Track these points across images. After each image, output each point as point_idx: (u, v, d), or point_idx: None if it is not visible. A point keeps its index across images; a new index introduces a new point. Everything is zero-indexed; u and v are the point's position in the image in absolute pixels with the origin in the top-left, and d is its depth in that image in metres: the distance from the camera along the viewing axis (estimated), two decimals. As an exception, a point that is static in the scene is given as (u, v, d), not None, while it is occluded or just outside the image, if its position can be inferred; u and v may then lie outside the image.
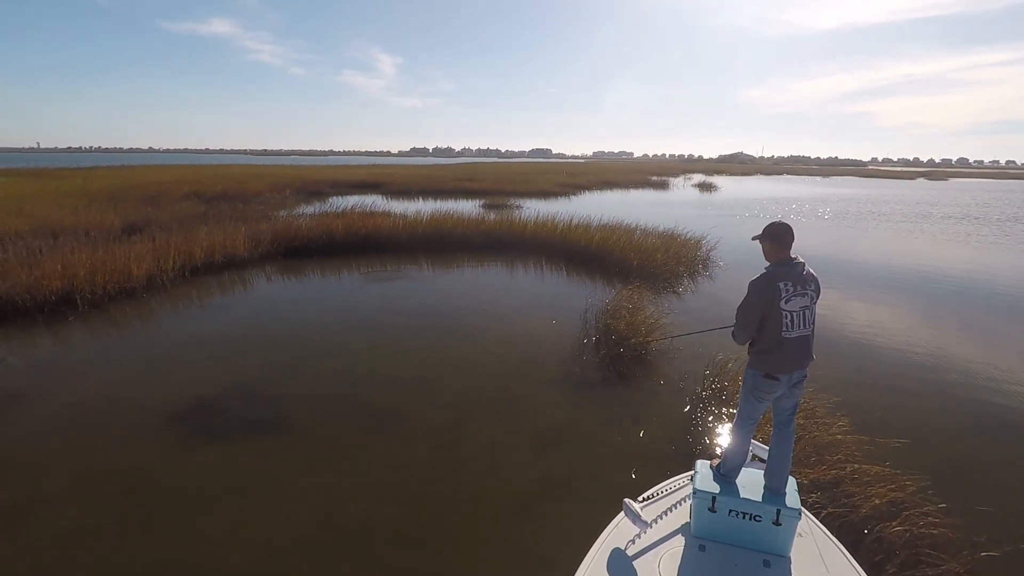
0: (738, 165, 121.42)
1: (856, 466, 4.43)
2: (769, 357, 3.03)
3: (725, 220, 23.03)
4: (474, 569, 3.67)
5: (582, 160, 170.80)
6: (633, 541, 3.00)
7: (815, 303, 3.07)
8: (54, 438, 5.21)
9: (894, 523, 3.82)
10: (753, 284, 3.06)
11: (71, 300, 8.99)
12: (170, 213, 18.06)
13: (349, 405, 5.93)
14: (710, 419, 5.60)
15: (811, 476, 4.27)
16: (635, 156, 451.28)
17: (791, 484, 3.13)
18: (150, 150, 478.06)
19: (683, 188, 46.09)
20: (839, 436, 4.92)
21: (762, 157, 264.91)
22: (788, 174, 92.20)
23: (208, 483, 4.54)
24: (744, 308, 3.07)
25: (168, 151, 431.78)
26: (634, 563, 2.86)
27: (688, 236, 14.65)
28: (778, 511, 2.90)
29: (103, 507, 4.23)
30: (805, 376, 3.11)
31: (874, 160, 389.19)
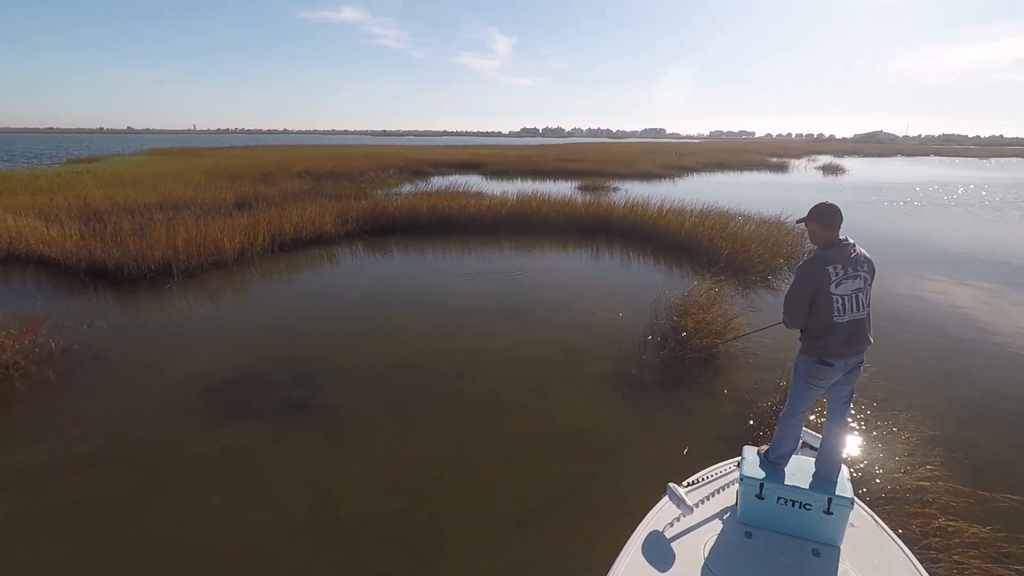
0: (875, 145, 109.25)
1: (947, 522, 3.58)
2: (821, 343, 2.92)
3: (846, 207, 20.62)
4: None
5: (696, 140, 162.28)
6: (672, 524, 2.95)
7: (870, 285, 2.94)
8: (111, 400, 5.57)
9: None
10: (800, 268, 2.98)
11: (169, 270, 9.73)
12: (279, 190, 19.24)
13: (385, 388, 5.84)
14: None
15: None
16: (756, 136, 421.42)
17: (844, 472, 3.01)
18: (284, 131, 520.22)
19: (804, 171, 42.08)
20: (925, 481, 4.03)
21: (906, 136, 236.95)
22: (937, 155, 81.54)
23: (225, 458, 4.61)
24: (791, 294, 2.99)
25: (300, 132, 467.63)
26: (675, 546, 2.81)
27: (794, 224, 13.17)
28: (829, 500, 2.80)
29: (126, 473, 4.42)
30: (862, 362, 2.99)
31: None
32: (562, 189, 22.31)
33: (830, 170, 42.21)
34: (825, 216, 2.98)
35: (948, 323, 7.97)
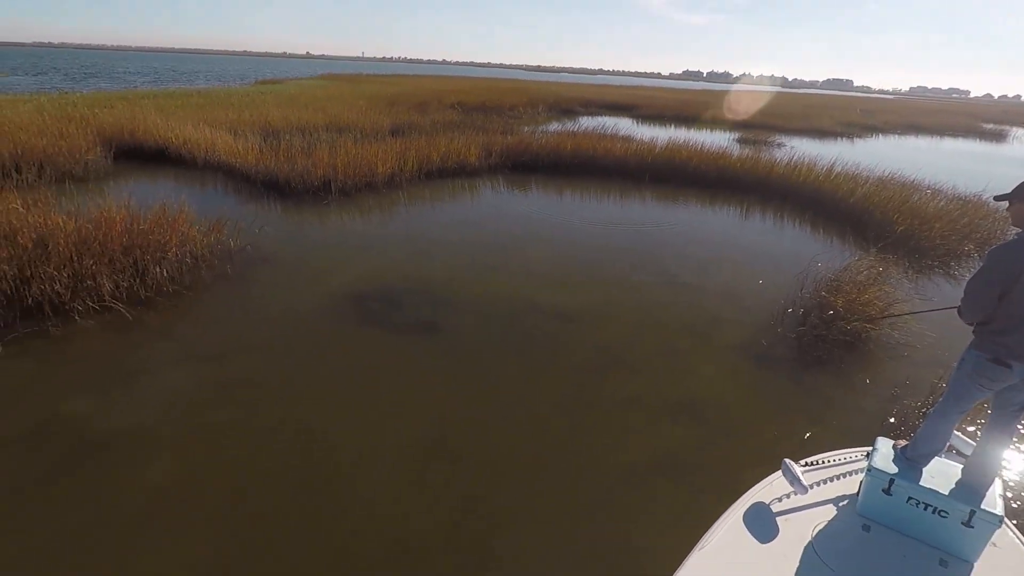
0: None
1: None
2: (1005, 339, 2.54)
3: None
4: (546, 541, 3.48)
5: (891, 96, 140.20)
6: (781, 500, 2.81)
7: None
8: (276, 297, 6.39)
9: None
10: (993, 253, 2.59)
11: (329, 187, 10.64)
12: (431, 119, 20.00)
13: (510, 324, 6.02)
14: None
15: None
16: (971, 95, 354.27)
17: (996, 487, 2.66)
18: (443, 62, 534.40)
19: (1028, 142, 35.05)
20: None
21: None
22: None
23: (364, 363, 5.15)
24: (978, 279, 2.60)
25: (457, 63, 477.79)
26: (780, 521, 2.67)
27: (993, 203, 11.12)
28: (972, 512, 2.50)
29: (284, 358, 5.13)
30: None
31: None
32: (718, 140, 20.74)
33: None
34: None
35: None
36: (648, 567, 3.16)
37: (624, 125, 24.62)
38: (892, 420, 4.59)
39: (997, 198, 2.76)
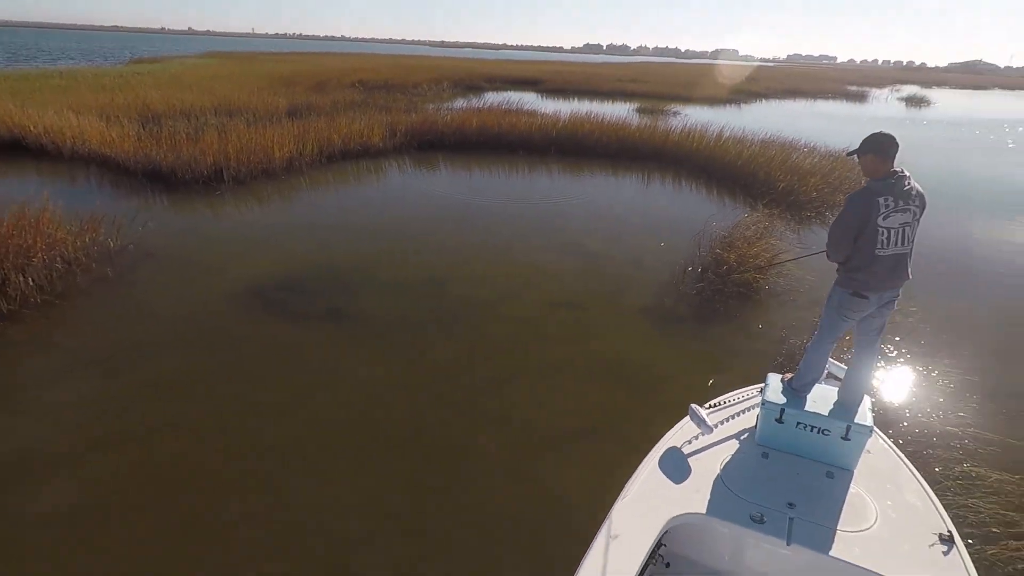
0: (970, 76, 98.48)
1: (971, 468, 3.51)
2: (860, 275, 2.89)
3: (926, 144, 19.04)
4: (488, 501, 3.55)
5: (771, 64, 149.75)
6: (691, 442, 3.04)
7: (918, 220, 2.86)
8: (165, 296, 5.95)
9: (991, 546, 2.99)
10: (850, 199, 2.90)
11: (221, 176, 9.98)
12: (331, 99, 19.15)
13: (426, 304, 6.01)
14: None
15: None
16: (838, 61, 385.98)
17: (866, 403, 3.03)
18: (342, 38, 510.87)
19: (886, 102, 38.68)
20: (954, 427, 3.93)
21: (1008, 67, 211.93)
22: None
23: (272, 355, 4.94)
24: (838, 223, 2.92)
25: (358, 39, 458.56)
26: (691, 461, 2.91)
27: (847, 156, 12.23)
28: (848, 427, 2.85)
29: (182, 360, 4.80)
30: (897, 295, 2.99)
31: None
32: (619, 111, 21.36)
33: (914, 102, 38.58)
34: (879, 146, 2.82)
35: (1013, 272, 7.46)
36: (578, 521, 3.31)
37: (529, 100, 24.78)
38: (780, 359, 5.02)
39: (849, 153, 3.08)
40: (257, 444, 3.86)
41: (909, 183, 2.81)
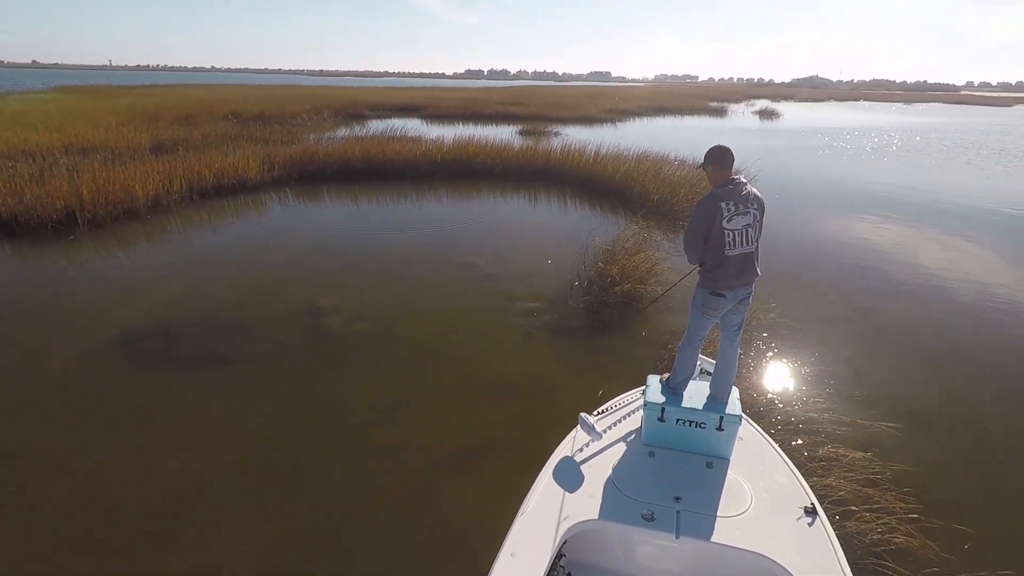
0: (809, 90, 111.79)
1: (831, 449, 3.92)
2: (714, 275, 3.13)
3: (775, 151, 21.24)
4: (393, 525, 3.45)
5: (642, 84, 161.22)
6: (582, 450, 3.15)
7: (759, 221, 3.13)
8: (14, 359, 5.27)
9: (850, 521, 3.35)
10: (698, 205, 3.15)
11: (74, 219, 9.07)
12: (201, 134, 18.01)
13: (316, 338, 5.80)
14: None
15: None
16: (700, 80, 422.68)
17: (735, 393, 3.28)
18: (212, 69, 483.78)
19: (742, 115, 42.85)
20: (815, 412, 4.38)
21: (839, 81, 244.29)
22: (867, 100, 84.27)
23: (146, 409, 4.54)
24: (689, 229, 3.17)
25: (229, 70, 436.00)
26: (584, 468, 3.01)
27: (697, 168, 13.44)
28: (721, 418, 3.06)
29: (43, 425, 4.30)
30: (751, 293, 3.24)
31: (969, 84, 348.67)
32: (502, 134, 21.91)
33: (766, 115, 43.09)
34: (718, 158, 3.14)
35: (862, 264, 8.47)
36: (479, 541, 3.30)
37: (413, 126, 24.77)
38: (664, 362, 5.35)
39: (698, 167, 3.42)
40: (144, 503, 3.53)
41: (747, 188, 3.10)
